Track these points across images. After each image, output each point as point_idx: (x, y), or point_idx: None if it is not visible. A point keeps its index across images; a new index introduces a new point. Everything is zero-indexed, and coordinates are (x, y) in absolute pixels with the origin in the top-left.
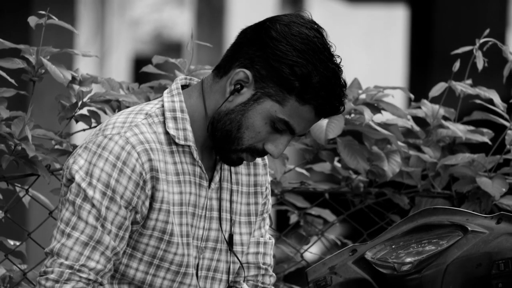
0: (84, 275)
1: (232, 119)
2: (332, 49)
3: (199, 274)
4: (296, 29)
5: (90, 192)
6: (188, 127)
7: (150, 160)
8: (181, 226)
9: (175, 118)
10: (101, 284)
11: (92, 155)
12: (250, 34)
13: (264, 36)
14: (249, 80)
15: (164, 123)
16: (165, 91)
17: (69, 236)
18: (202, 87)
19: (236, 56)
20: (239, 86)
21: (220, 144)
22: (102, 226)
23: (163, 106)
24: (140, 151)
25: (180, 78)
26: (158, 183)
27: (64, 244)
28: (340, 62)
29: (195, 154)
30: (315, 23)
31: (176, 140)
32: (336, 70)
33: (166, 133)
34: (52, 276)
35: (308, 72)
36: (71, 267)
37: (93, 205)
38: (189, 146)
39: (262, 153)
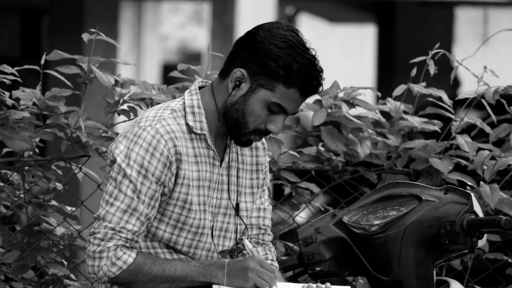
0: (123, 235)
1: (237, 109)
2: (307, 44)
3: (213, 234)
4: (275, 31)
5: (128, 171)
6: (204, 119)
7: (175, 146)
8: (198, 196)
9: (193, 113)
10: (136, 242)
11: (130, 142)
12: (241, 41)
13: (252, 41)
14: (244, 76)
15: (185, 116)
16: (186, 91)
17: (112, 205)
18: (212, 88)
19: (233, 60)
20: (238, 82)
21: (232, 130)
22: (138, 197)
23: (184, 103)
24: (167, 139)
25: (198, 81)
26: (181, 164)
27: (108, 211)
28: (315, 54)
29: (209, 141)
30: (290, 25)
31: (194, 130)
32: (311, 58)
33: (187, 124)
34: (98, 235)
35: (288, 62)
36: (113, 229)
37: (130, 181)
38: (204, 134)
39: (266, 132)
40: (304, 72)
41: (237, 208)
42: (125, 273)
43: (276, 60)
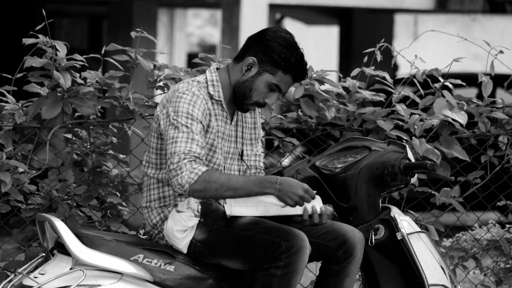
0: (192, 155)
1: (246, 86)
2: (299, 44)
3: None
4: (279, 34)
5: (179, 119)
6: (220, 90)
7: (206, 103)
8: (219, 143)
9: (213, 85)
10: (201, 160)
11: (175, 103)
12: (254, 38)
13: (262, 38)
14: (255, 63)
15: (207, 87)
16: (207, 70)
17: (176, 142)
18: (228, 69)
19: (246, 50)
20: (250, 66)
21: (239, 100)
22: (192, 131)
23: (206, 78)
24: (201, 98)
25: (215, 64)
26: (211, 117)
27: (175, 146)
28: (304, 52)
29: (224, 105)
30: (287, 30)
31: (214, 97)
32: (302, 55)
33: (208, 93)
34: (174, 161)
35: (288, 57)
36: (183, 153)
37: (182, 124)
38: (220, 100)
39: (263, 105)
40: (298, 65)
41: (241, 154)
42: (200, 180)
43: (279, 54)
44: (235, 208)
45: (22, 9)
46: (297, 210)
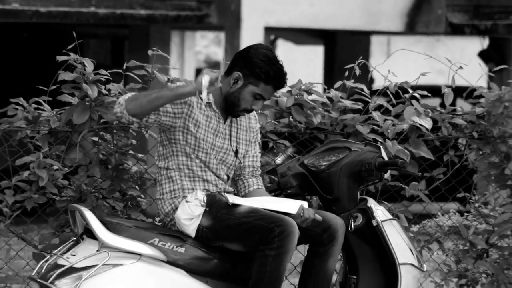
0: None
1: (234, 96)
2: (278, 58)
3: (216, 162)
4: (260, 50)
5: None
6: (210, 97)
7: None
8: (204, 132)
9: None
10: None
11: None
12: (239, 54)
13: (245, 55)
14: (240, 77)
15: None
16: None
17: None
18: None
19: (234, 65)
20: (236, 80)
21: (229, 108)
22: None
23: None
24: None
25: None
26: (192, 108)
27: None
28: (283, 64)
29: (214, 107)
30: (268, 46)
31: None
32: (281, 67)
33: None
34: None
35: (267, 70)
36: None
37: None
38: (210, 103)
39: (251, 110)
40: (276, 76)
41: (236, 152)
42: (128, 100)
43: (260, 68)
44: (236, 200)
45: (56, 32)
46: (291, 209)
